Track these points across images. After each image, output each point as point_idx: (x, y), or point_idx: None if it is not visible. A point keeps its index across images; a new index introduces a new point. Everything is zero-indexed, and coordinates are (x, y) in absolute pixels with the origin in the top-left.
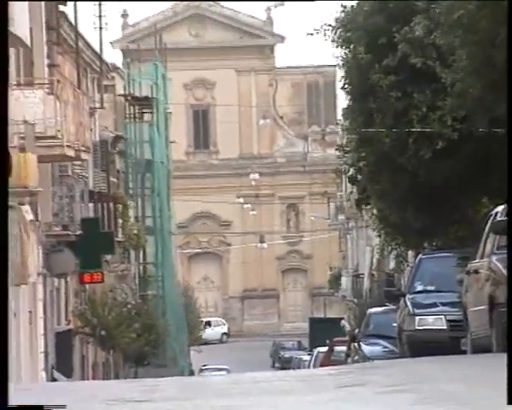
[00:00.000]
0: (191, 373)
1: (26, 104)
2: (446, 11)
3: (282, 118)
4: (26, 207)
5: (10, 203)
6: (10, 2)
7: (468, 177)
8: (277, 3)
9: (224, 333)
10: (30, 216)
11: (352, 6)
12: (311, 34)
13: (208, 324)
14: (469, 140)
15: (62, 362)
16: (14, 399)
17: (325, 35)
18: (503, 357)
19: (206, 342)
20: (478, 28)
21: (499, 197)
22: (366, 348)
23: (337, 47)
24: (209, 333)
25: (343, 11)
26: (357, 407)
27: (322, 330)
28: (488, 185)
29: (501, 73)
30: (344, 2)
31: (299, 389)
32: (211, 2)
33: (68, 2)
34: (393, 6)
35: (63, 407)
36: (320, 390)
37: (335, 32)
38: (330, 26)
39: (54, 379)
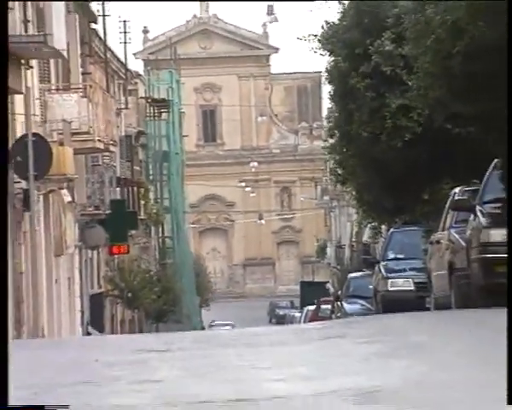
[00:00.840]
0: (202, 328)
1: (63, 106)
2: (411, 26)
3: (276, 116)
4: (65, 191)
5: (52, 187)
6: (51, 20)
7: (432, 163)
8: (272, 18)
9: None
10: (68, 198)
11: (333, 22)
12: (300, 39)
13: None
14: (431, 132)
15: (95, 319)
16: (55, 351)
17: (312, 48)
18: (461, 313)
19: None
20: (438, 40)
21: (459, 180)
22: (347, 306)
23: (322, 56)
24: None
25: (327, 25)
26: (339, 356)
27: (310, 292)
28: (448, 169)
29: (456, 77)
30: (327, 18)
31: (292, 341)
32: (216, 19)
33: (99, 20)
34: (367, 21)
35: (66, 407)
36: (308, 342)
37: (321, 44)
38: (315, 36)
39: (88, 333)
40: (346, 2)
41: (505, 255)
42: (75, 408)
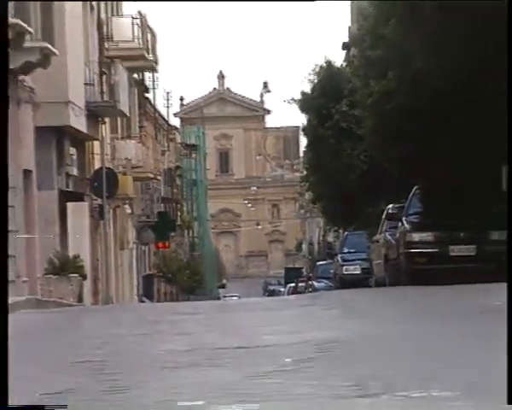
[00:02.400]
0: (219, 299)
1: (126, 148)
2: (360, 97)
3: (269, 155)
4: (127, 206)
5: (118, 203)
6: (118, 91)
7: (373, 189)
8: (266, 90)
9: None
10: (128, 211)
11: (307, 92)
12: (286, 102)
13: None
14: (373, 169)
15: (147, 292)
16: (120, 313)
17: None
18: (392, 289)
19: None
20: (375, 103)
21: (390, 200)
22: (316, 284)
23: (300, 114)
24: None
25: (303, 95)
26: (310, 318)
27: (291, 274)
28: (384, 193)
29: (388, 130)
30: (304, 89)
31: (278, 307)
32: (229, 91)
33: (150, 91)
34: (330, 92)
35: (64, 407)
36: (290, 308)
37: (299, 107)
38: (295, 101)
39: (142, 301)
40: (316, 79)
41: (421, 250)
42: (138, 354)
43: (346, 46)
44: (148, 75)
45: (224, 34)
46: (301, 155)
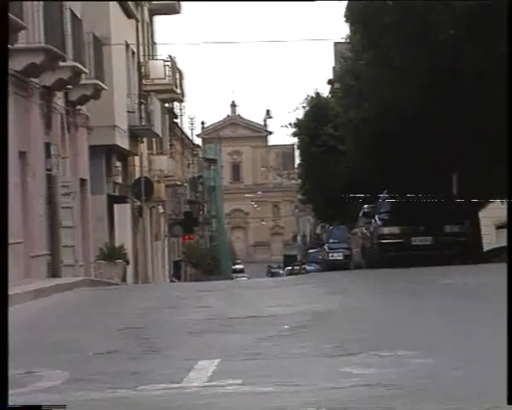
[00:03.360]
0: (232, 279)
1: (159, 162)
2: (342, 122)
3: (271, 167)
4: (160, 207)
5: (153, 205)
6: (153, 118)
7: (351, 193)
8: (268, 116)
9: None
10: (161, 210)
11: (300, 118)
12: (284, 126)
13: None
14: (352, 177)
15: (176, 274)
16: (155, 290)
17: (291, 131)
18: (368, 271)
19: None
20: (355, 130)
21: (365, 202)
22: (308, 267)
23: (295, 135)
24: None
25: (297, 119)
26: (303, 294)
27: (288, 260)
28: (360, 196)
29: (364, 149)
30: (298, 115)
31: (278, 286)
32: (240, 117)
33: (179, 117)
34: (318, 117)
35: (63, 407)
36: (287, 286)
37: (295, 129)
38: (291, 125)
39: (172, 281)
40: (308, 107)
41: (390, 241)
42: (169, 322)
43: (330, 81)
44: (176, 105)
45: (236, 73)
46: (296, 166)
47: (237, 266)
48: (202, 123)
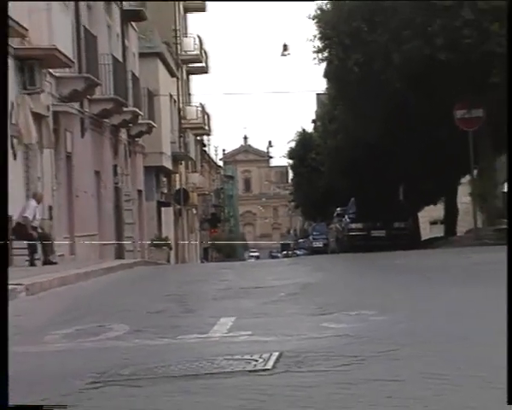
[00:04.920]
0: (244, 260)
1: (193, 178)
2: (322, 150)
3: (272, 181)
4: (193, 209)
5: (189, 208)
6: (189, 146)
7: (329, 199)
8: (269, 145)
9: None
10: (195, 212)
11: (293, 147)
12: (282, 157)
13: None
14: (329, 189)
15: (205, 257)
16: (190, 268)
17: (285, 158)
18: (340, 255)
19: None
20: (331, 156)
21: (338, 206)
22: (298, 252)
23: (289, 159)
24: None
25: (290, 149)
26: (294, 271)
27: (284, 247)
28: (335, 201)
29: (337, 170)
30: (291, 145)
31: (277, 265)
32: (250, 146)
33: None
34: (305, 145)
35: (64, 407)
36: (283, 266)
37: (288, 158)
38: (285, 156)
39: (202, 262)
40: (297, 139)
41: (356, 233)
42: (199, 291)
43: (313, 121)
44: (205, 137)
45: (247, 114)
46: (289, 181)
47: (254, 254)
48: (223, 150)
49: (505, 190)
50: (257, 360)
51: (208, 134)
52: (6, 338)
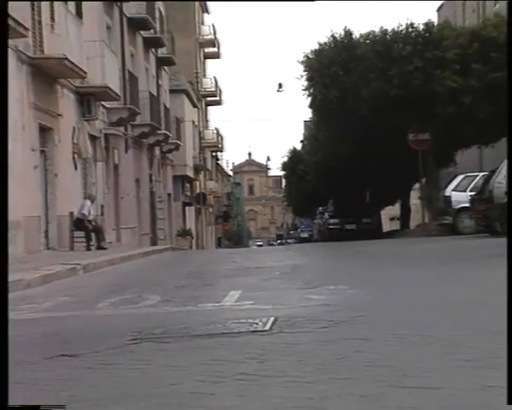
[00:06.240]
0: (249, 247)
1: (210, 184)
2: (308, 163)
3: (269, 187)
4: (210, 208)
5: (206, 207)
6: (206, 165)
7: (314, 200)
8: (268, 159)
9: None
10: (211, 210)
11: (286, 161)
12: (278, 169)
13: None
14: (314, 193)
15: (218, 244)
16: (206, 254)
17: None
18: (324, 243)
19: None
20: (315, 167)
21: (320, 205)
22: (289, 241)
23: (282, 170)
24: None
25: (283, 162)
26: (287, 255)
27: (279, 236)
28: (318, 202)
29: (320, 178)
30: (284, 159)
31: (273, 251)
32: (253, 160)
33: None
34: (295, 160)
35: (62, 407)
36: (278, 252)
37: (282, 170)
38: (281, 167)
39: (216, 248)
40: (289, 155)
41: (333, 227)
42: (214, 269)
43: (301, 141)
44: (219, 153)
45: (251, 136)
46: (283, 187)
47: (258, 243)
48: (232, 163)
49: (446, 194)
50: (257, 323)
51: (221, 151)
52: (6, 338)
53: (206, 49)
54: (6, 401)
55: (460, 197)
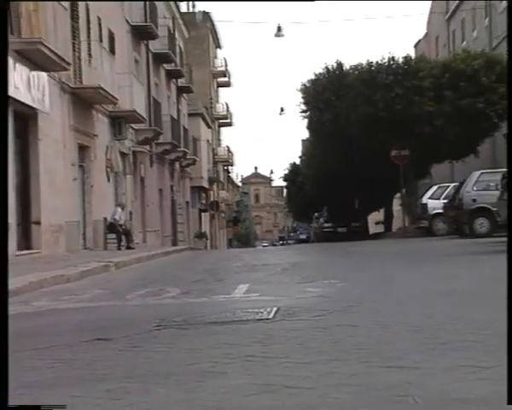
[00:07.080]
0: (255, 247)
1: (222, 194)
2: (306, 175)
3: (273, 195)
4: (222, 213)
5: (218, 213)
6: (220, 175)
7: (311, 207)
8: (271, 171)
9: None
10: (223, 215)
11: (286, 173)
12: (280, 179)
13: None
14: (311, 200)
15: (230, 245)
16: (219, 252)
17: (282, 179)
18: (320, 244)
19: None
20: (312, 178)
21: (316, 211)
22: (289, 242)
23: (284, 181)
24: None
25: (284, 174)
26: (287, 254)
27: (280, 238)
28: (315, 208)
29: (315, 187)
30: (285, 172)
31: (276, 250)
32: (258, 173)
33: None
34: (295, 172)
35: (63, 407)
36: (280, 251)
37: (284, 180)
38: (282, 178)
39: (228, 248)
40: (289, 168)
41: (327, 230)
42: (225, 266)
43: (300, 157)
44: (230, 167)
45: (256, 152)
46: (284, 196)
47: (264, 244)
48: (241, 175)
49: (423, 201)
50: (262, 312)
51: (232, 165)
52: (6, 338)
53: (219, 79)
54: (6, 401)
55: (435, 204)
